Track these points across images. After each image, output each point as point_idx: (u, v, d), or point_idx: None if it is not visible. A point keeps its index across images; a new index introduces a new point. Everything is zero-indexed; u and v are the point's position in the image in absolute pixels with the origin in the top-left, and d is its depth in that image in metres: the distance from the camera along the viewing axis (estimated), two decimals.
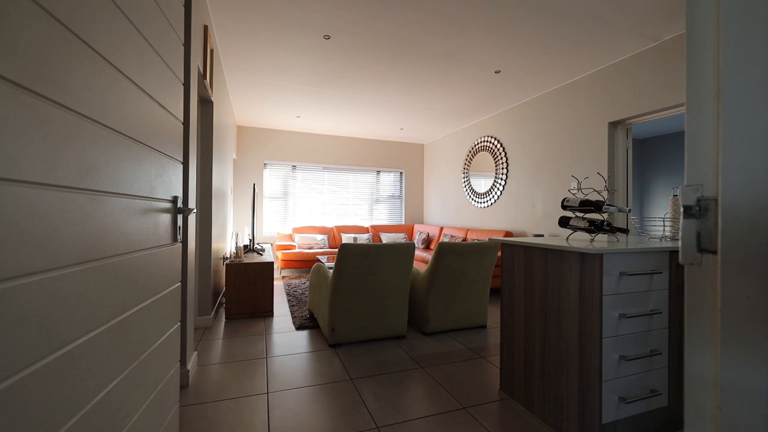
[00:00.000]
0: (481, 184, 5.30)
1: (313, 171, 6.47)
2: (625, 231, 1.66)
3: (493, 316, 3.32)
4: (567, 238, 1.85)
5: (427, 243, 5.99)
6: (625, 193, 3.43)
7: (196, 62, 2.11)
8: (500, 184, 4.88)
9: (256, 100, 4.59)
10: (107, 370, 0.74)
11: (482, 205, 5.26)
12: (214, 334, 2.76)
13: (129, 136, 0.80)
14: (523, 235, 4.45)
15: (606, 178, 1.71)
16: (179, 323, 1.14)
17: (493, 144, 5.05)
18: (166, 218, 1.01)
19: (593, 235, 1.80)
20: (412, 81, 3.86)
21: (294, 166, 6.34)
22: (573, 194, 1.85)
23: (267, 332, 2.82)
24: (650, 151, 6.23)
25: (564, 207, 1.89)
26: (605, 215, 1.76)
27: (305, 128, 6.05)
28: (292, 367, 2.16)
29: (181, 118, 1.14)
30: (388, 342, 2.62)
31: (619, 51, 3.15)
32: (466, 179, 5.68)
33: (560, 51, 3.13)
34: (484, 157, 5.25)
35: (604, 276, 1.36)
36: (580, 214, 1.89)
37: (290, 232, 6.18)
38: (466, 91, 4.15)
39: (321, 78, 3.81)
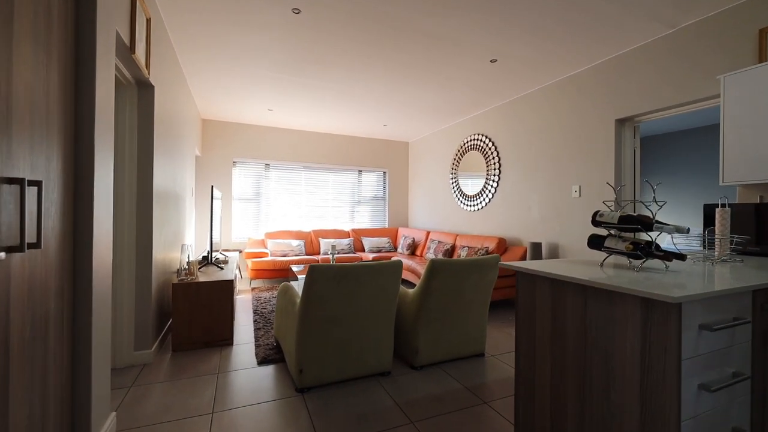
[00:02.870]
0: (472, 186, 4.90)
1: (289, 170, 5.91)
2: (683, 257, 1.26)
3: (491, 339, 2.91)
4: (601, 264, 1.43)
5: (412, 249, 5.56)
6: (632, 199, 3.08)
7: (111, 25, 1.57)
8: (492, 185, 4.49)
9: (221, 89, 4.01)
10: None
11: (472, 208, 4.86)
12: (153, 374, 2.22)
13: None
14: (518, 242, 4.08)
15: (654, 187, 1.29)
16: None
17: (483, 142, 4.66)
18: None
19: (641, 261, 1.39)
20: (397, 70, 3.39)
21: (267, 165, 5.77)
22: (609, 207, 1.44)
23: (222, 369, 2.30)
24: (645, 151, 5.99)
25: (596, 223, 1.47)
26: (655, 236, 1.34)
27: (279, 123, 5.49)
28: (244, 430, 1.66)
29: None
30: (370, 381, 2.16)
31: (630, 39, 2.78)
32: (454, 180, 5.27)
33: (564, 38, 2.74)
34: (474, 156, 4.85)
35: (683, 332, 0.94)
36: (615, 232, 1.48)
37: (263, 237, 5.61)
38: (457, 83, 3.72)
39: (293, 63, 3.29)
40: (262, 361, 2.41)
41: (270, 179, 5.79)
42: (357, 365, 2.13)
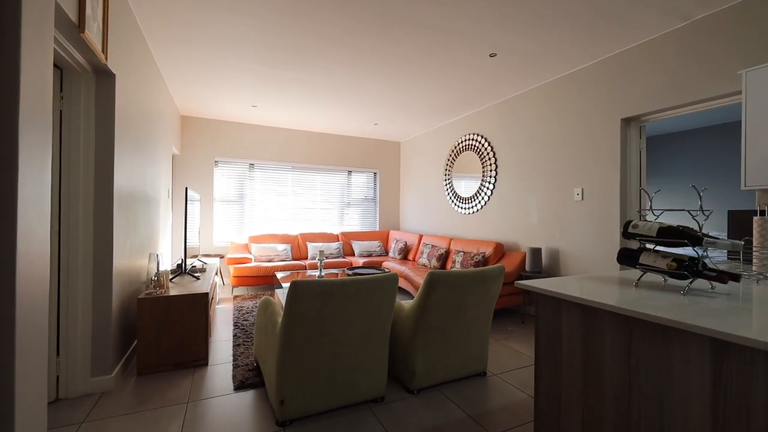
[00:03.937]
0: (466, 188, 4.70)
1: (275, 170, 5.62)
2: (737, 277, 1.05)
3: (492, 355, 2.69)
4: (636, 283, 1.22)
5: (404, 253, 5.33)
6: (638, 204, 2.92)
7: None
8: (488, 187, 4.29)
9: (200, 84, 3.71)
10: None
11: (467, 211, 4.66)
12: (112, 405, 1.92)
13: None
14: (516, 247, 3.89)
15: (700, 193, 1.08)
16: None
17: (479, 143, 4.46)
18: None
19: (688, 282, 1.18)
20: (390, 64, 3.15)
21: (251, 165, 5.46)
22: (643, 217, 1.21)
23: (193, 397, 2.02)
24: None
25: (628, 235, 1.26)
26: (704, 252, 1.13)
27: (263, 120, 5.19)
28: None
29: None
30: (362, 410, 1.91)
31: (638, 33, 2.60)
32: (448, 182, 5.06)
33: (568, 31, 2.54)
34: (469, 157, 4.65)
35: None
36: (651, 246, 1.27)
37: (246, 241, 5.31)
38: (455, 80, 3.50)
39: (278, 55, 3.02)
40: (239, 386, 2.14)
41: (255, 180, 5.49)
42: (347, 392, 1.88)
